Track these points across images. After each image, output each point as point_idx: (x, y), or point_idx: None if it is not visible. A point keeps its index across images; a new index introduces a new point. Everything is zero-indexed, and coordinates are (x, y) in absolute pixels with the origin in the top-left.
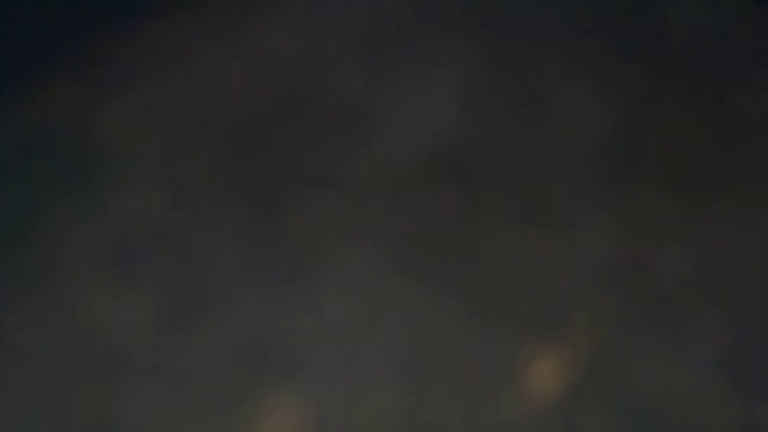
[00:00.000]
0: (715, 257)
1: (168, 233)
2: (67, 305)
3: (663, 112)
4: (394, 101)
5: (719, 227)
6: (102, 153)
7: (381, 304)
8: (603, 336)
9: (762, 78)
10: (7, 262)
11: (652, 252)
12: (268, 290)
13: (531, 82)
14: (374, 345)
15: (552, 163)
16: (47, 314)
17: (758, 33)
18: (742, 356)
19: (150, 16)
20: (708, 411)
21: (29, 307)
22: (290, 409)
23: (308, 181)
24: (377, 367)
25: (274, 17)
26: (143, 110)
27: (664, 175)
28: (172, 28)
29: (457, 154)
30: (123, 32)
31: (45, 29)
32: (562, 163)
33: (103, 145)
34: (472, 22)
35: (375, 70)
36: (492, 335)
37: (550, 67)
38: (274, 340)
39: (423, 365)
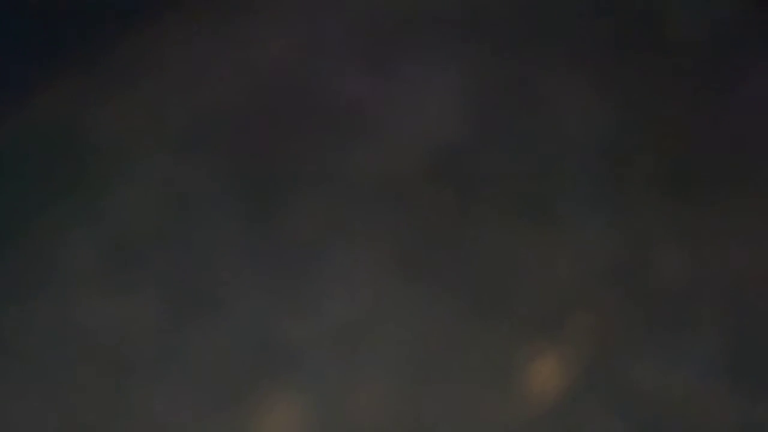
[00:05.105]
0: (715, 257)
1: (168, 233)
2: (66, 305)
3: (663, 110)
4: (394, 101)
5: (719, 227)
6: (102, 153)
7: (381, 303)
8: (603, 336)
9: (762, 75)
10: (6, 262)
11: (652, 252)
12: (268, 290)
13: (531, 82)
14: (374, 344)
15: (552, 163)
16: (46, 314)
17: (758, 30)
18: (742, 356)
19: (150, 16)
20: (708, 411)
21: (28, 307)
22: (290, 408)
23: (308, 181)
24: (377, 367)
25: (274, 17)
26: (143, 110)
27: (664, 175)
28: (172, 28)
29: (457, 154)
30: (122, 32)
31: (45, 29)
32: (562, 163)
33: (103, 145)
34: (471, 21)
35: (375, 70)
36: (492, 335)
37: (550, 67)
38: (274, 339)
39: (423, 365)
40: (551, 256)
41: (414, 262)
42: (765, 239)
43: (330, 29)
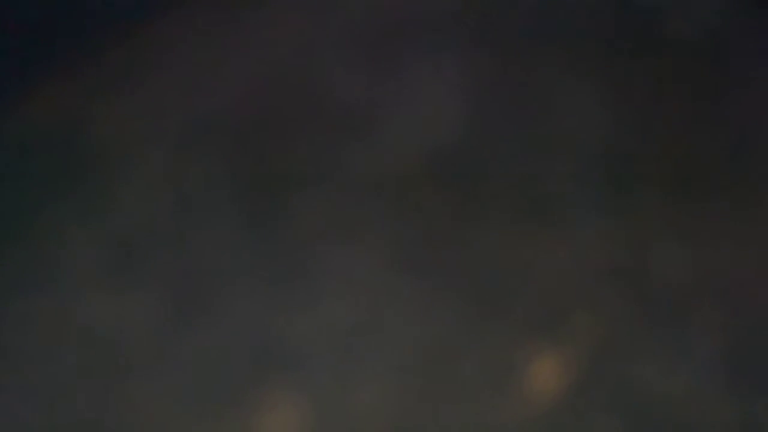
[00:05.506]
0: (715, 257)
1: (168, 233)
2: (67, 305)
3: (663, 112)
4: (394, 101)
5: (719, 227)
6: (102, 153)
7: (381, 303)
8: (603, 336)
9: (762, 78)
10: (7, 262)
11: (652, 252)
12: (269, 290)
13: (531, 82)
14: (374, 344)
15: (552, 163)
16: (47, 314)
17: (758, 33)
18: (742, 356)
19: (149, 16)
20: (708, 411)
21: (29, 307)
22: (290, 408)
23: (308, 181)
24: (377, 367)
25: (274, 17)
26: (143, 110)
27: (664, 175)
28: (172, 28)
29: (457, 154)
30: (123, 32)
31: (45, 29)
32: (563, 163)
33: (103, 145)
34: (472, 22)
35: (375, 70)
36: (492, 335)
37: (550, 67)
38: (274, 339)
39: (423, 365)
40: (551, 256)
41: (414, 262)
42: (765, 239)
43: (330, 29)
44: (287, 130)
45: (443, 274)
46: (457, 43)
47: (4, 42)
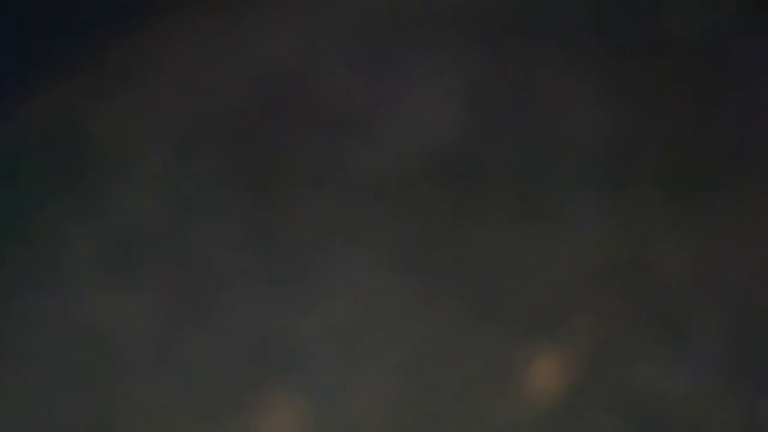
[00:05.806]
0: (715, 257)
1: (168, 233)
2: (66, 305)
3: (663, 112)
4: (394, 101)
5: (719, 227)
6: (102, 153)
7: (381, 303)
8: (603, 335)
9: (762, 78)
10: (6, 262)
11: (652, 252)
12: (269, 290)
13: (531, 82)
14: (374, 344)
15: (552, 163)
16: (46, 314)
17: (758, 33)
18: (742, 356)
19: (149, 16)
20: (708, 411)
21: (28, 307)
22: (290, 409)
23: (308, 181)
24: (377, 367)
25: (274, 17)
26: (143, 110)
27: (664, 175)
28: (172, 28)
29: (457, 154)
30: (122, 32)
31: (45, 29)
32: (563, 163)
33: (103, 145)
34: (472, 22)
35: (375, 70)
36: (492, 335)
37: (550, 67)
38: (274, 339)
39: (422, 365)
40: (551, 256)
41: (414, 262)
42: (764, 239)
43: (330, 29)
44: (287, 130)
45: (443, 274)
46: (457, 42)
47: (4, 42)
